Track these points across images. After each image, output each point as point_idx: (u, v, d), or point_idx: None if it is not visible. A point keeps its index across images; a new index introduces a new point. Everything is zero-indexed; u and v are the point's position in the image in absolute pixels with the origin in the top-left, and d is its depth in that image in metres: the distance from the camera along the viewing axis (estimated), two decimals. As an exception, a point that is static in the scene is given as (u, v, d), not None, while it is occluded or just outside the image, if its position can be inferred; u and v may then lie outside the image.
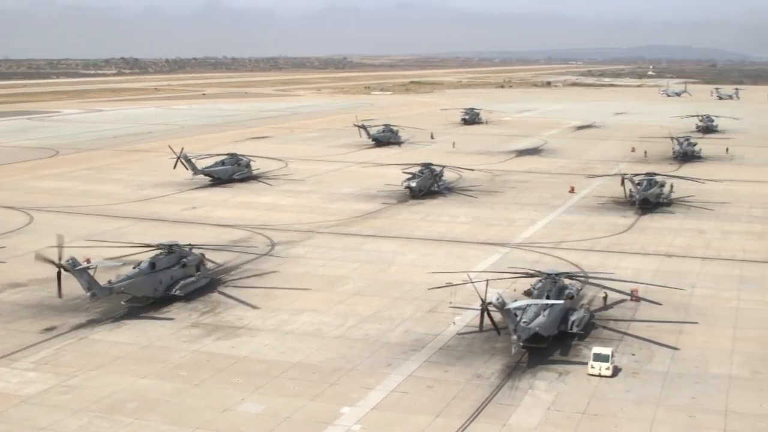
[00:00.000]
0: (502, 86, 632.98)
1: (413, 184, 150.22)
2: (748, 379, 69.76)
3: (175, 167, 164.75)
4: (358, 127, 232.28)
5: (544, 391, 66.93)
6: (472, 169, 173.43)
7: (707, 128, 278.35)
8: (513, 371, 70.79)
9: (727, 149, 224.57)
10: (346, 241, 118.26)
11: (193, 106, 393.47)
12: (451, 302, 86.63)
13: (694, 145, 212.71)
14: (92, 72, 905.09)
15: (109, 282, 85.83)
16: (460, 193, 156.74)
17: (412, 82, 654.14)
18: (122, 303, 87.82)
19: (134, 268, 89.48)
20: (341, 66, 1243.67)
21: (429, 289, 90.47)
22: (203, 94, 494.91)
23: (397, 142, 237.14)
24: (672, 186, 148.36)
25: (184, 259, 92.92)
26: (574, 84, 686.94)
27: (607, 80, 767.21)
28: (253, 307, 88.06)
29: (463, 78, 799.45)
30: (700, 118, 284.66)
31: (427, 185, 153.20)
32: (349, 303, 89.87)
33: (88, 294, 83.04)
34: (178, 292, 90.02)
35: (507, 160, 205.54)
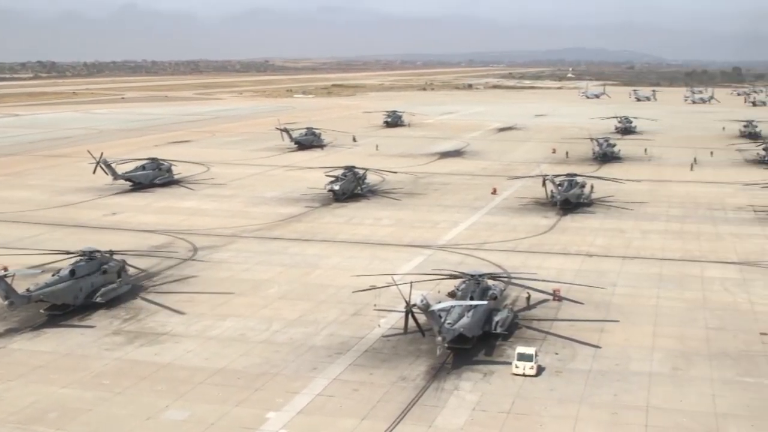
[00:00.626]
0: (425, 89, 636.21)
1: (336, 187, 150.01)
2: (669, 375, 71.03)
3: (94, 172, 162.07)
4: (281, 130, 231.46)
5: (469, 391, 67.28)
6: (395, 172, 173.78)
7: (626, 129, 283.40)
8: (438, 372, 71.03)
9: (645, 150, 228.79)
10: (269, 245, 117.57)
11: (113, 111, 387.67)
12: (375, 305, 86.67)
13: (614, 146, 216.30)
14: (8, 76, 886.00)
15: (28, 290, 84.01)
16: (384, 195, 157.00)
17: (334, 85, 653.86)
18: (42, 311, 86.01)
19: (54, 275, 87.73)
20: (263, 69, 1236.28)
21: (354, 292, 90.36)
22: (122, 98, 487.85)
23: (320, 145, 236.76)
24: (592, 186, 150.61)
25: (105, 266, 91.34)
26: (496, 86, 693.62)
27: (527, 82, 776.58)
28: (177, 312, 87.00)
29: (386, 81, 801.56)
30: (619, 119, 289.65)
31: (351, 188, 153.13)
32: (273, 307, 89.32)
33: (6, 303, 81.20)
34: (99, 299, 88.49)
35: (430, 162, 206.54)
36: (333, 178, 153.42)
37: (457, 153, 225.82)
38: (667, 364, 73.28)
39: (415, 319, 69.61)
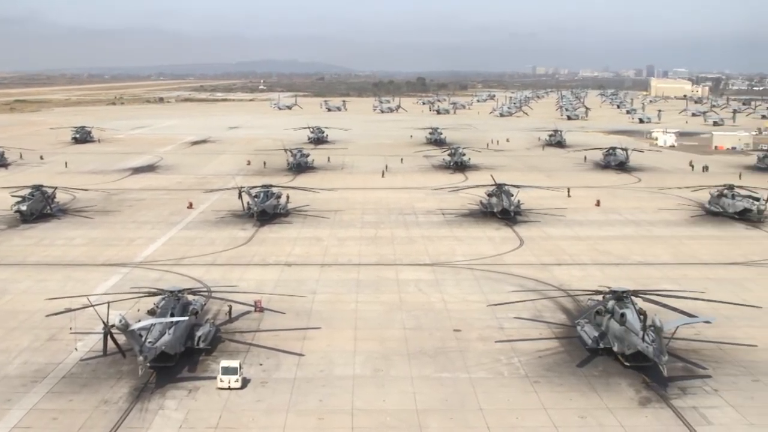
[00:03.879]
0: (114, 103, 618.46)
1: (23, 207, 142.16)
2: (371, 377, 72.87)
3: None
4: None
5: (174, 409, 65.80)
6: (87, 189, 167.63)
7: (319, 139, 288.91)
8: (141, 393, 68.94)
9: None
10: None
11: None
12: (71, 328, 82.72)
13: (307, 156, 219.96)
14: None
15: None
16: (75, 214, 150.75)
17: (17, 101, 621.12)
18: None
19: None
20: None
21: (47, 316, 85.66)
22: None
23: (4, 165, 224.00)
24: (288, 197, 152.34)
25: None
26: (187, 99, 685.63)
27: (219, 95, 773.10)
28: None
29: (72, 95, 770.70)
30: (312, 129, 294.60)
31: (39, 208, 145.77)
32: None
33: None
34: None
35: (122, 178, 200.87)
36: (20, 198, 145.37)
37: (150, 168, 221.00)
38: (368, 366, 75.15)
39: (114, 340, 67.31)
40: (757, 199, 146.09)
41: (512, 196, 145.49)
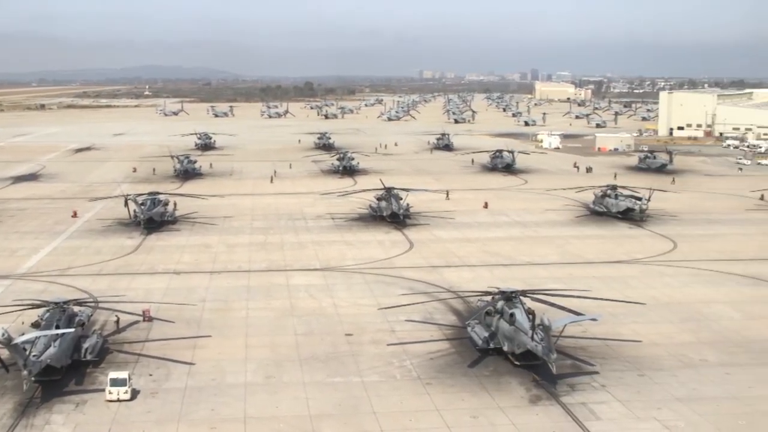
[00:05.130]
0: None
1: None
2: (263, 384, 72.30)
3: None
4: None
5: (61, 424, 64.09)
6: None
7: (206, 145, 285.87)
8: (27, 408, 66.89)
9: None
10: None
11: None
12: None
13: (194, 162, 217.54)
14: None
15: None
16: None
17: None
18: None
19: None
20: None
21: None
22: None
23: None
24: (175, 204, 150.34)
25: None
26: (70, 106, 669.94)
27: (104, 101, 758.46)
28: None
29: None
30: (199, 135, 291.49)
31: None
32: None
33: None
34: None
35: (3, 187, 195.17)
36: None
37: (32, 176, 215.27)
38: (260, 374, 74.56)
39: (-3, 355, 65.26)
40: (639, 199, 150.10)
41: (401, 199, 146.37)
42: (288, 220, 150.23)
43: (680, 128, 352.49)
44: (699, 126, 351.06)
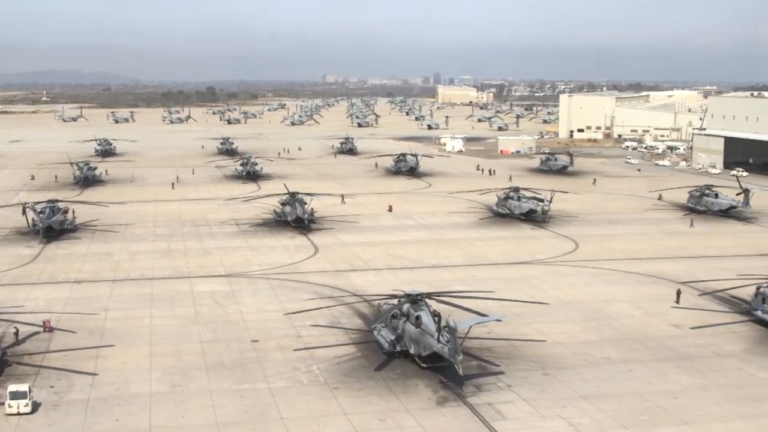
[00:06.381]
0: None
1: None
2: (169, 392, 71.29)
3: None
4: None
5: (-42, 440, 62.36)
6: None
7: (106, 152, 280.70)
8: None
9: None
10: None
11: None
12: None
13: (95, 169, 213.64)
14: None
15: None
16: None
17: None
18: None
19: None
20: None
21: None
22: None
23: None
24: (74, 211, 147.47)
25: None
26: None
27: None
28: None
29: None
30: (98, 141, 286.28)
31: None
32: None
33: None
34: None
35: None
36: None
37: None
38: (166, 382, 73.53)
39: None
40: (542, 200, 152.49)
41: (305, 204, 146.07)
42: (191, 226, 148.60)
43: (580, 130, 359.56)
44: (598, 128, 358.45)
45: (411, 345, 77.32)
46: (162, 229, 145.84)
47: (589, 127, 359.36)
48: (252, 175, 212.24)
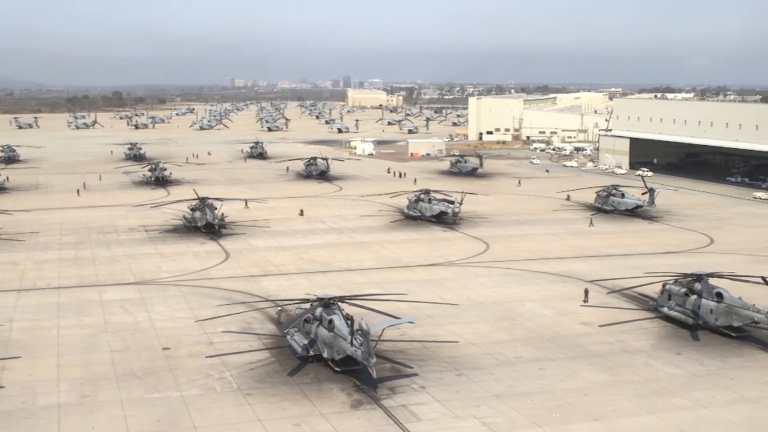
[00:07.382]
0: None
1: None
2: (78, 404, 69.79)
3: None
4: None
5: None
6: None
7: (10, 158, 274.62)
8: None
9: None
10: None
11: None
12: None
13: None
14: None
15: None
16: None
17: None
18: None
19: None
20: None
21: None
22: None
23: None
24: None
25: None
26: None
27: None
28: None
29: None
30: (1, 148, 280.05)
31: None
32: None
33: None
34: None
35: None
36: None
37: None
38: (74, 394, 71.96)
39: None
40: (452, 202, 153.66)
41: (216, 209, 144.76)
42: (99, 233, 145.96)
43: (489, 132, 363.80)
44: (507, 130, 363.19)
45: (324, 349, 77.11)
46: (69, 237, 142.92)
47: (498, 130, 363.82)
48: (161, 181, 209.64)
